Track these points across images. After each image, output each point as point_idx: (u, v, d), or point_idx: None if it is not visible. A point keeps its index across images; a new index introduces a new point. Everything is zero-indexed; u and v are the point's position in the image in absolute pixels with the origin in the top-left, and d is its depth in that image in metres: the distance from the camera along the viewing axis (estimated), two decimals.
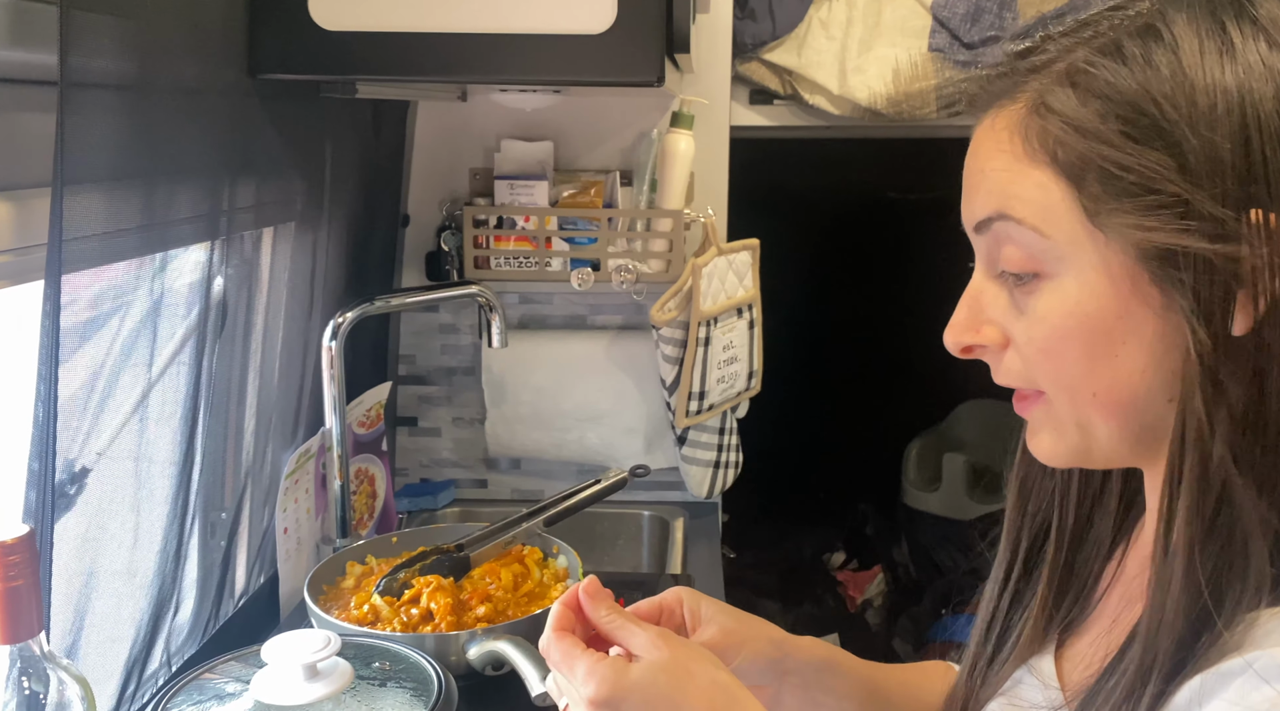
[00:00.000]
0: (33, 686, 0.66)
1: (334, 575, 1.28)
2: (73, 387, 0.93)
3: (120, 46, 0.85)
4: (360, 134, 1.51)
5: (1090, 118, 0.55)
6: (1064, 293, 0.57)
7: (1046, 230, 0.57)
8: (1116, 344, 0.57)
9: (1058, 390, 0.60)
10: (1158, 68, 0.54)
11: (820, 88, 1.78)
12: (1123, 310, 0.56)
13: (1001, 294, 0.61)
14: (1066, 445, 0.62)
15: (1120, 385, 0.57)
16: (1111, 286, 0.56)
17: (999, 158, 0.59)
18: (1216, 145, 0.52)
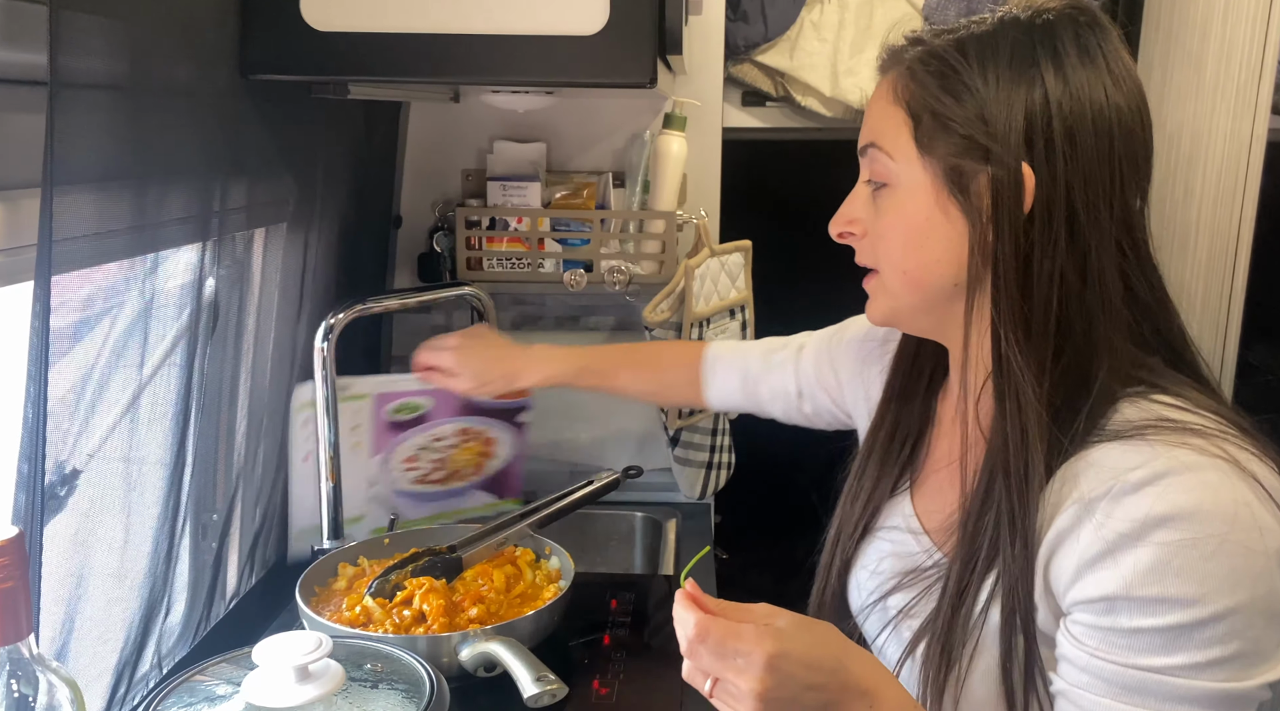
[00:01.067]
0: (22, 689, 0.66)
1: (326, 577, 1.28)
2: (63, 389, 0.93)
3: (110, 46, 0.85)
4: (352, 135, 1.51)
5: (934, 82, 0.82)
6: (898, 197, 0.85)
7: (895, 155, 0.84)
8: (923, 237, 0.83)
9: (885, 266, 0.87)
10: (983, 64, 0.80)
11: (812, 89, 1.78)
12: (930, 213, 0.83)
13: (868, 198, 0.88)
14: (885, 309, 0.90)
15: (923, 268, 0.84)
16: (925, 196, 0.83)
17: (880, 103, 0.86)
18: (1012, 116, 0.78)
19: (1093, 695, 0.73)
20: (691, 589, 0.75)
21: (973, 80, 0.80)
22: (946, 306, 0.85)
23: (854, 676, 0.72)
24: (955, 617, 0.81)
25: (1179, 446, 0.73)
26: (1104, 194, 0.78)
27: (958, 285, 0.83)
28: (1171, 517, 0.70)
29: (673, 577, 1.55)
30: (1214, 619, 0.69)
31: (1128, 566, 0.71)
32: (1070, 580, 0.74)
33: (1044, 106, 0.78)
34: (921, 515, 0.94)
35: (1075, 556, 0.74)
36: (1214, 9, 1.58)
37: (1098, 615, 0.73)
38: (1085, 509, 0.73)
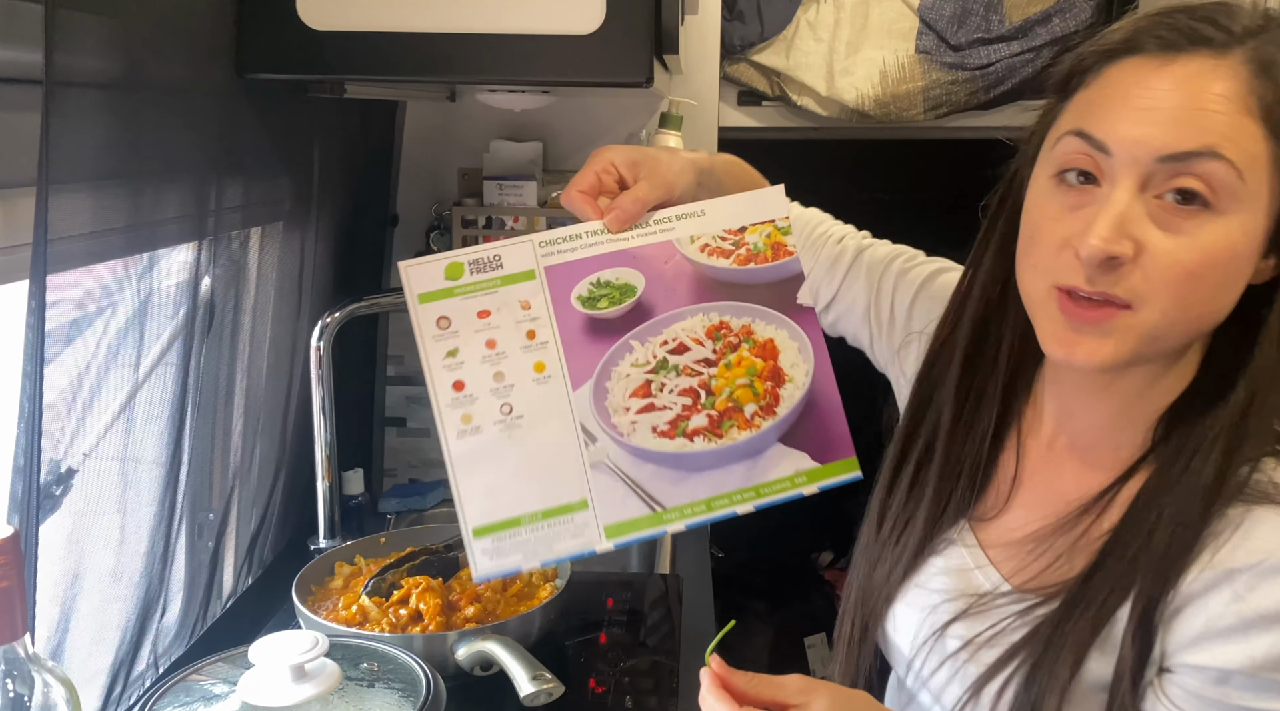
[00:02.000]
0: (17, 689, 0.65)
1: (322, 576, 1.28)
2: (58, 388, 0.93)
3: (106, 45, 0.85)
4: (349, 134, 1.51)
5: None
6: (1228, 229, 0.66)
7: (1246, 175, 0.65)
8: (1235, 281, 0.68)
9: (1169, 306, 0.67)
10: None
11: (808, 89, 1.78)
12: (1250, 256, 0.67)
13: (1147, 213, 0.67)
14: (1125, 350, 0.69)
15: (1219, 311, 0.69)
16: (1257, 236, 0.67)
17: (1221, 103, 0.65)
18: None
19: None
20: (719, 668, 0.71)
21: None
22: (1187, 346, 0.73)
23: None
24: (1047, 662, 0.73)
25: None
26: None
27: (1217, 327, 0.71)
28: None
29: (669, 577, 1.55)
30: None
31: (1261, 647, 0.65)
32: (1189, 643, 0.68)
33: None
34: (985, 542, 0.81)
35: (1202, 621, 0.67)
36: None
37: (1208, 684, 0.67)
38: (1226, 576, 0.66)
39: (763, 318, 0.83)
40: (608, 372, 0.80)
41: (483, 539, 0.78)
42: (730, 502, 0.81)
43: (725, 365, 0.82)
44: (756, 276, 0.83)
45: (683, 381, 0.81)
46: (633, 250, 0.81)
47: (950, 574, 0.81)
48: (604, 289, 0.80)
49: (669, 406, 0.81)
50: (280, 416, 1.38)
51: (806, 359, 0.83)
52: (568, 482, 0.78)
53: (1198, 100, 0.65)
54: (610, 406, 0.80)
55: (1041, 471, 0.80)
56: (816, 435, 0.83)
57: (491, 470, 0.78)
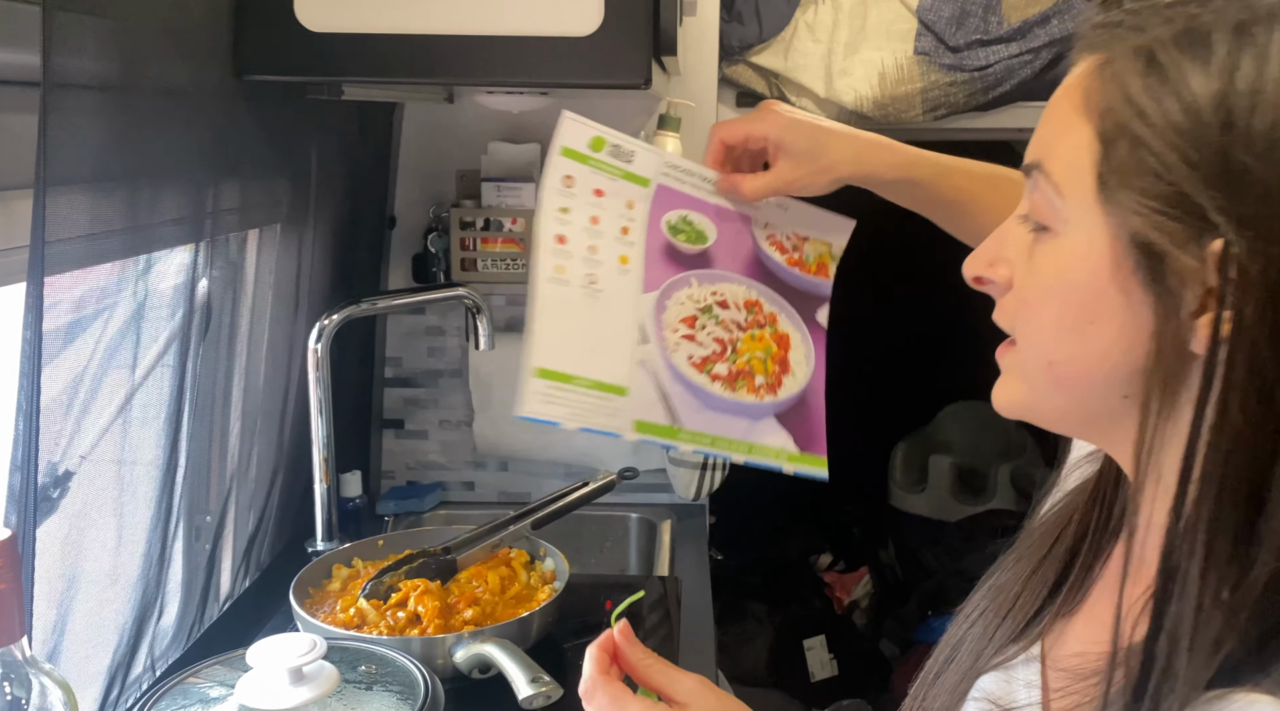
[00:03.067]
0: (14, 691, 0.65)
1: (320, 578, 1.28)
2: (55, 390, 0.92)
3: (104, 47, 0.85)
4: (346, 136, 1.51)
5: (1140, 93, 0.51)
6: (1060, 253, 0.55)
7: (1065, 190, 0.55)
8: (1087, 321, 0.55)
9: (1027, 345, 0.59)
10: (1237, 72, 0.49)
11: (806, 90, 1.78)
12: (1102, 290, 0.54)
13: (1024, 238, 0.59)
14: (1018, 398, 0.61)
15: (1078, 363, 0.56)
16: (1099, 263, 0.53)
17: (1062, 106, 0.57)
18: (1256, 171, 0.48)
19: None
20: (621, 634, 0.70)
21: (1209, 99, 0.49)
22: (1118, 425, 0.56)
23: None
24: None
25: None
26: None
27: (1127, 398, 0.55)
28: None
29: (667, 579, 1.55)
30: None
31: None
32: None
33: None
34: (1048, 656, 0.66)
35: None
36: None
37: None
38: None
39: (787, 314, 0.96)
40: (669, 293, 0.91)
41: (541, 381, 0.87)
42: (729, 448, 0.92)
43: (750, 336, 0.94)
44: (796, 281, 0.96)
45: (718, 331, 0.93)
46: (721, 208, 0.94)
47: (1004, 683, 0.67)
48: (686, 226, 0.93)
49: (704, 344, 0.92)
50: (278, 419, 1.37)
51: (809, 364, 0.96)
52: (619, 366, 0.88)
53: (1052, 106, 0.58)
54: (665, 321, 0.91)
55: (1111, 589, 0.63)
56: (802, 427, 0.95)
57: (567, 322, 0.87)
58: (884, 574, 2.90)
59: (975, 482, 2.91)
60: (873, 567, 2.91)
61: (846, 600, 2.82)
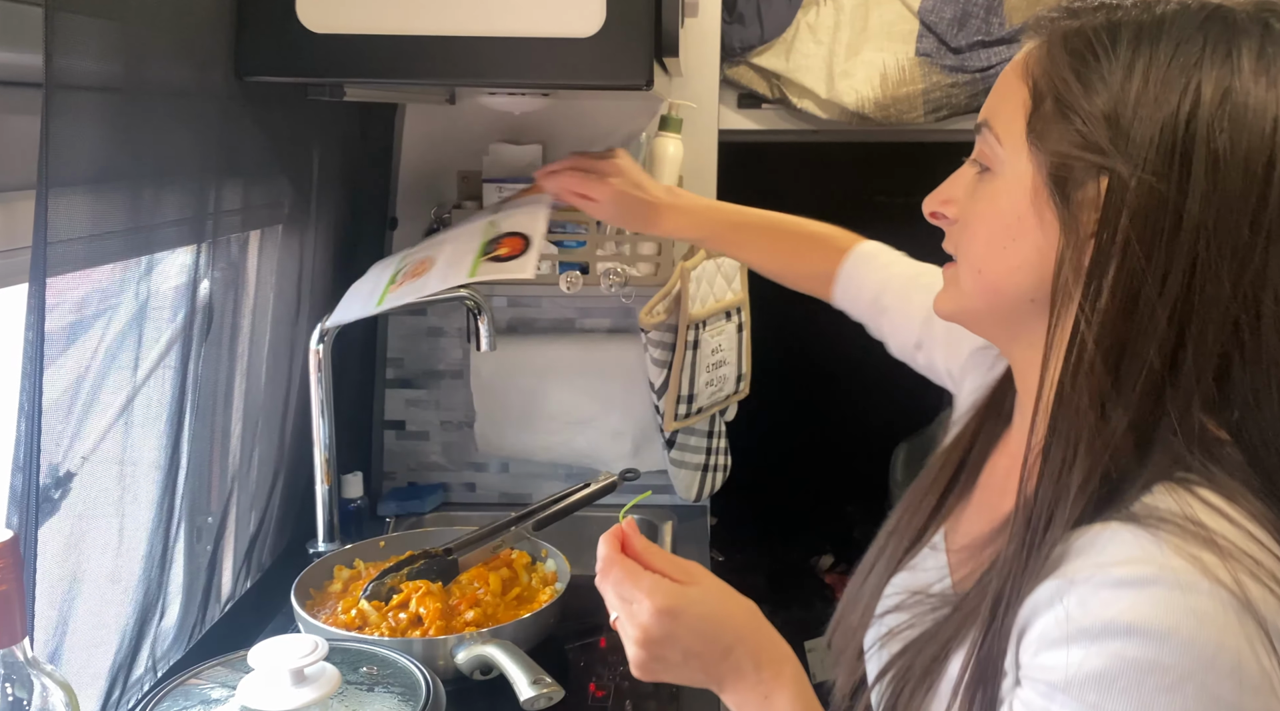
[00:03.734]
0: (16, 692, 0.65)
1: (321, 579, 1.28)
2: (57, 391, 0.92)
3: (106, 48, 0.85)
4: (348, 137, 1.51)
5: (1068, 63, 0.69)
6: (995, 186, 0.73)
7: (1004, 138, 0.72)
8: (1010, 239, 0.71)
9: (963, 260, 0.76)
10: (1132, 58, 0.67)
11: (808, 92, 1.78)
12: (1024, 213, 0.70)
13: (971, 180, 0.76)
14: (952, 305, 0.79)
15: (1001, 272, 0.73)
16: (1022, 192, 0.70)
17: (1008, 76, 0.74)
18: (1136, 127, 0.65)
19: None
20: (628, 526, 0.79)
21: (1113, 71, 0.66)
22: (1021, 323, 0.73)
23: (747, 661, 0.74)
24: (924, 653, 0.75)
25: (1186, 557, 0.60)
26: (1234, 249, 0.63)
27: (1035, 301, 0.71)
28: (1137, 632, 0.60)
29: None
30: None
31: (1075, 663, 0.62)
32: (1030, 654, 0.66)
33: (1190, 121, 0.63)
34: (950, 540, 0.84)
35: (1039, 631, 0.65)
36: None
37: (1040, 696, 0.64)
38: (1067, 586, 0.64)
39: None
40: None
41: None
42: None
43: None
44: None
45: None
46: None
47: (914, 571, 0.85)
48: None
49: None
50: (279, 420, 1.38)
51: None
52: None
53: (1002, 78, 0.75)
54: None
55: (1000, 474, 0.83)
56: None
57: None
58: None
59: None
60: None
61: None
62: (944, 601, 0.78)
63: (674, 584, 0.75)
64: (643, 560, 0.78)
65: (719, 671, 0.75)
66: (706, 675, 0.75)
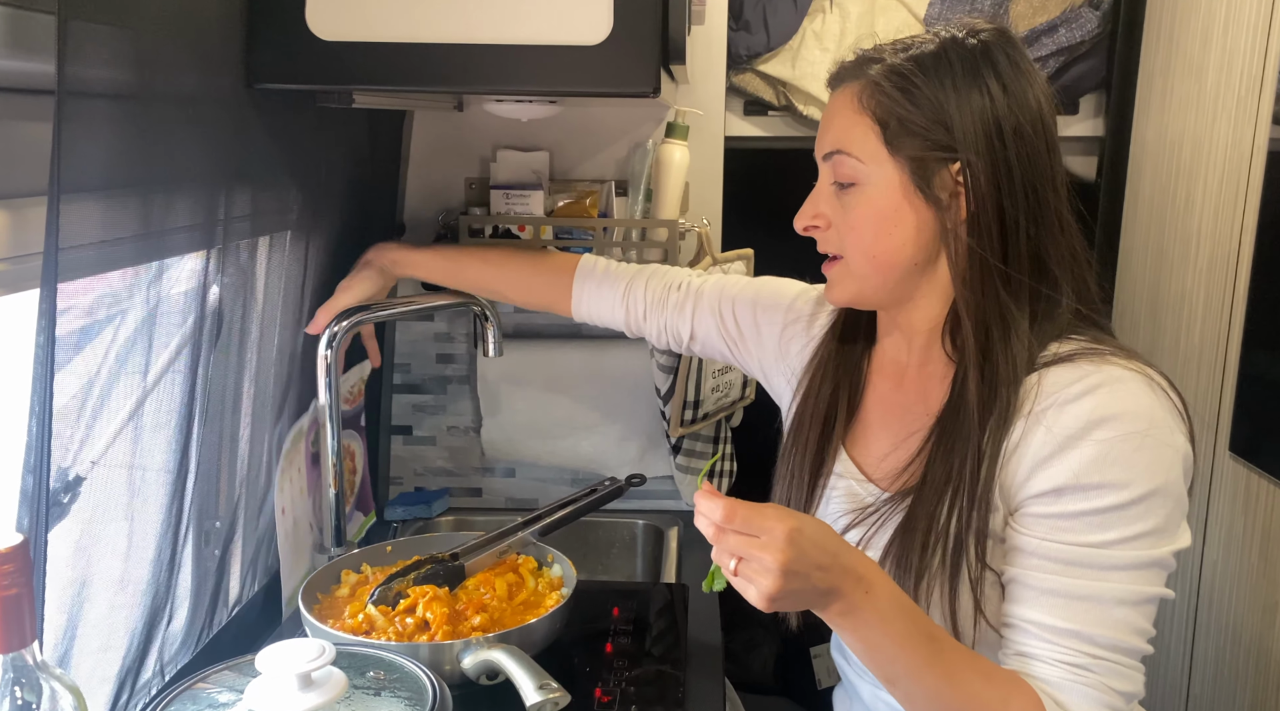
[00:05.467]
0: (26, 696, 0.66)
1: (329, 584, 1.28)
2: (67, 396, 0.93)
3: (118, 56, 0.86)
4: (356, 143, 1.51)
5: (898, 93, 0.97)
6: (869, 194, 0.99)
7: (864, 159, 0.99)
8: (892, 226, 0.98)
9: (854, 253, 1.01)
10: (939, 77, 0.96)
11: (814, 98, 1.79)
12: (899, 204, 0.98)
13: (831, 195, 1.02)
14: (851, 291, 1.05)
15: (891, 252, 0.99)
16: (894, 190, 0.98)
17: (845, 112, 1.00)
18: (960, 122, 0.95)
19: (1042, 573, 0.90)
20: (709, 488, 0.88)
21: (932, 91, 0.95)
22: (909, 283, 1.01)
23: (854, 562, 0.87)
24: (914, 533, 0.96)
25: (1107, 364, 0.91)
26: (1046, 177, 0.96)
27: (917, 263, 1.00)
28: (1108, 418, 0.88)
29: (674, 586, 1.55)
30: (1139, 499, 0.88)
31: (1074, 459, 0.88)
32: (1022, 480, 0.91)
33: (993, 109, 0.94)
34: (860, 462, 1.09)
35: (1028, 460, 0.91)
36: (1215, 18, 1.59)
37: (1047, 503, 0.90)
38: (1034, 420, 0.91)
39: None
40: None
41: None
42: None
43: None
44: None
45: None
46: None
47: (841, 497, 1.08)
48: None
49: None
50: (287, 425, 1.38)
51: None
52: None
53: (831, 116, 1.02)
54: None
55: (891, 401, 1.08)
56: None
57: None
58: None
59: None
60: None
61: None
62: (898, 499, 1.00)
63: (791, 512, 0.85)
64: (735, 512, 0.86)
65: (835, 580, 0.85)
66: (829, 585, 0.85)
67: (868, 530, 1.02)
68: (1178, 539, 0.90)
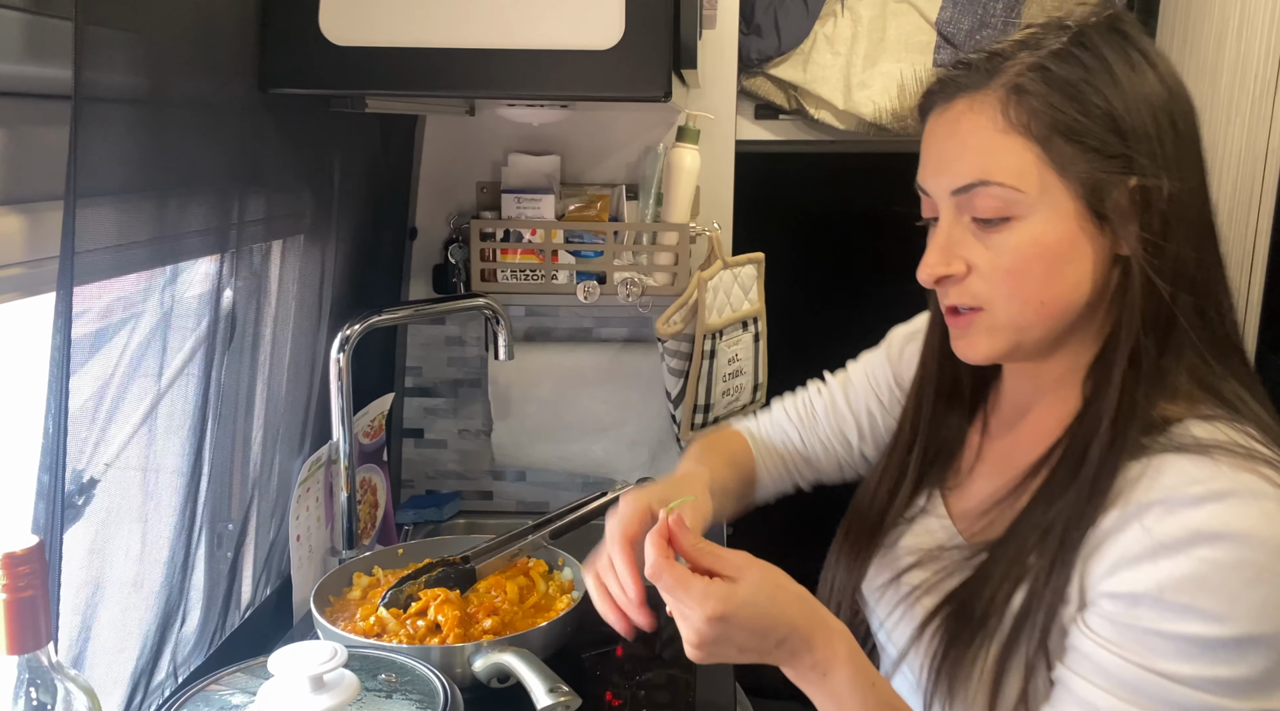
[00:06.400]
0: (41, 697, 0.66)
1: (341, 586, 1.29)
2: (82, 398, 0.94)
3: (133, 61, 0.86)
4: (369, 148, 1.52)
5: (1056, 99, 0.77)
6: (1032, 229, 0.78)
7: (1022, 187, 0.78)
8: (1065, 263, 0.79)
9: (1013, 302, 0.81)
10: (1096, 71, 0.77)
11: (825, 102, 1.79)
12: (1072, 240, 0.78)
13: (967, 235, 0.81)
14: (1004, 344, 0.83)
15: (1062, 296, 0.80)
16: (1064, 222, 0.78)
17: (980, 133, 0.79)
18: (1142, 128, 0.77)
19: (1091, 685, 0.74)
20: (674, 523, 0.79)
21: (1100, 89, 0.76)
22: (1068, 329, 0.82)
23: (802, 645, 0.76)
24: (980, 594, 0.81)
25: (1246, 471, 0.72)
26: (1201, 185, 0.80)
27: (1090, 303, 0.80)
28: (1222, 536, 0.70)
29: None
30: (1235, 641, 0.69)
31: (1165, 570, 0.71)
32: (1104, 574, 0.75)
33: (1158, 102, 0.77)
34: (950, 502, 0.95)
35: (1116, 553, 0.74)
36: (1228, 21, 1.58)
37: (1121, 609, 0.73)
38: (1137, 511, 0.73)
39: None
40: None
41: None
42: None
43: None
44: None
45: None
46: None
47: (917, 535, 0.95)
48: None
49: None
50: (300, 428, 1.39)
51: None
52: None
53: (962, 139, 0.80)
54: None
55: (1000, 445, 0.93)
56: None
57: None
58: None
59: None
60: None
61: None
62: (972, 552, 0.86)
63: (724, 586, 0.75)
64: (691, 558, 0.78)
65: (775, 656, 0.77)
66: (762, 659, 0.77)
67: (933, 574, 0.88)
68: (1267, 697, 0.71)
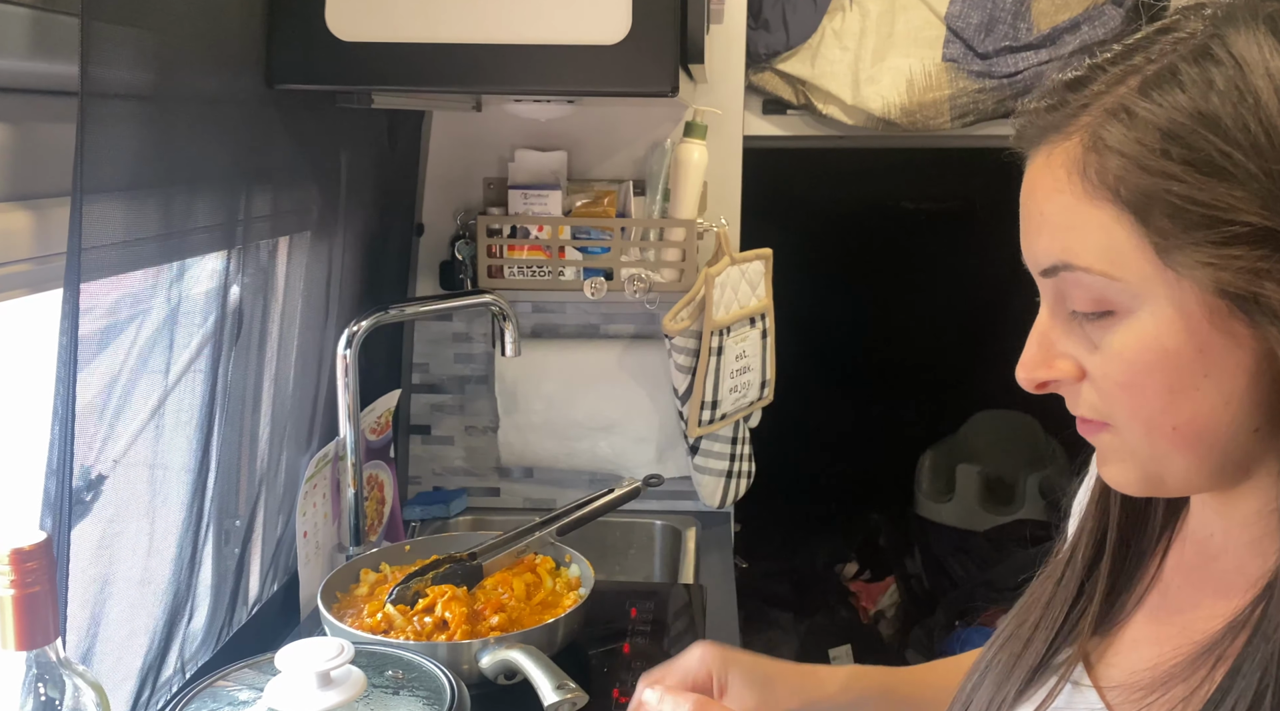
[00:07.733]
0: (49, 692, 0.66)
1: (348, 582, 1.29)
2: (90, 394, 0.94)
3: (140, 57, 0.86)
4: (376, 144, 1.52)
5: (1149, 150, 0.52)
6: (1141, 329, 0.55)
7: (1115, 273, 0.55)
8: (1198, 377, 0.55)
9: (1135, 423, 0.58)
10: (1219, 91, 0.51)
11: (833, 98, 1.78)
12: (1203, 344, 0.54)
13: (1072, 328, 0.59)
14: (1138, 475, 0.61)
15: (1202, 418, 0.56)
16: (1189, 321, 0.54)
17: (1057, 198, 0.56)
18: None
19: None
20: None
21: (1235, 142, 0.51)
22: (1242, 459, 0.58)
23: None
24: None
25: None
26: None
27: (1258, 430, 0.56)
28: None
29: (692, 587, 1.54)
30: None
31: None
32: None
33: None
34: (1100, 679, 0.68)
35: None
36: None
37: None
38: None
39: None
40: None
41: None
42: None
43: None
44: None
45: None
46: None
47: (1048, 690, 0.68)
48: None
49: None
50: (307, 424, 1.39)
51: None
52: None
53: (1039, 205, 0.58)
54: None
55: (1174, 597, 0.67)
56: None
57: None
58: (910, 583, 2.87)
59: (1003, 492, 2.88)
60: (899, 577, 2.89)
61: (872, 610, 2.80)
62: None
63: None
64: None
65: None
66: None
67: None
68: None
